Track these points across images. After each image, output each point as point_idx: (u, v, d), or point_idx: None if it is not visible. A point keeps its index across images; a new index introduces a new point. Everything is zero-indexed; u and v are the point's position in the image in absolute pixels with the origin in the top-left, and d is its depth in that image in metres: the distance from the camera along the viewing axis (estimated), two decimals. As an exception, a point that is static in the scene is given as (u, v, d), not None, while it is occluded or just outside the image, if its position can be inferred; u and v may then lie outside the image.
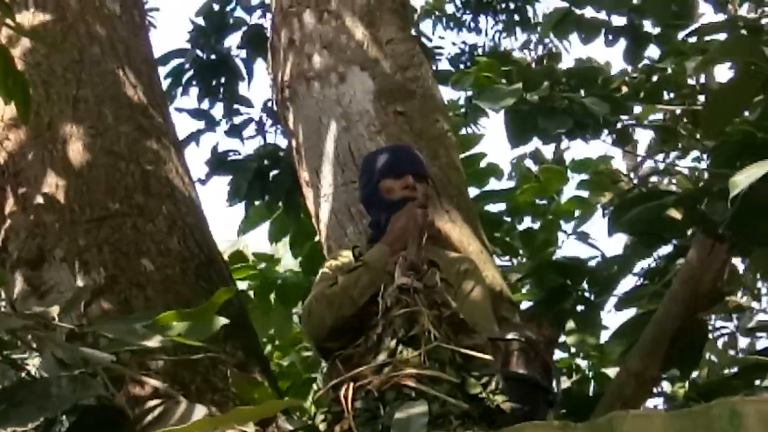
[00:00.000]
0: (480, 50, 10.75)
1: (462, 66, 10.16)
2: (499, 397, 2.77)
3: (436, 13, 11.01)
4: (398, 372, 2.67)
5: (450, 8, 11.29)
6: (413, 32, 5.64)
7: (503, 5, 11.01)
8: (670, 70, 6.14)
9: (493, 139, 32.75)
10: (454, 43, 10.57)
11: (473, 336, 2.91)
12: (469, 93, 6.58)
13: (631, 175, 7.81)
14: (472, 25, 11.30)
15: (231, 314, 1.98)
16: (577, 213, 6.80)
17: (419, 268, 3.01)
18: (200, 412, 2.00)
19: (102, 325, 1.73)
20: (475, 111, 7.16)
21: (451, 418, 2.62)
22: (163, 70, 6.29)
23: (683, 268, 3.63)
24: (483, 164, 6.35)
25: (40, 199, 3.58)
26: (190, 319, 1.71)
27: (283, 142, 6.64)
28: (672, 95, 6.67)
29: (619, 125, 6.36)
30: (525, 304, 5.61)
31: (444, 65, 10.22)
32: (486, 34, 11.35)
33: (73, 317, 3.08)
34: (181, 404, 2.00)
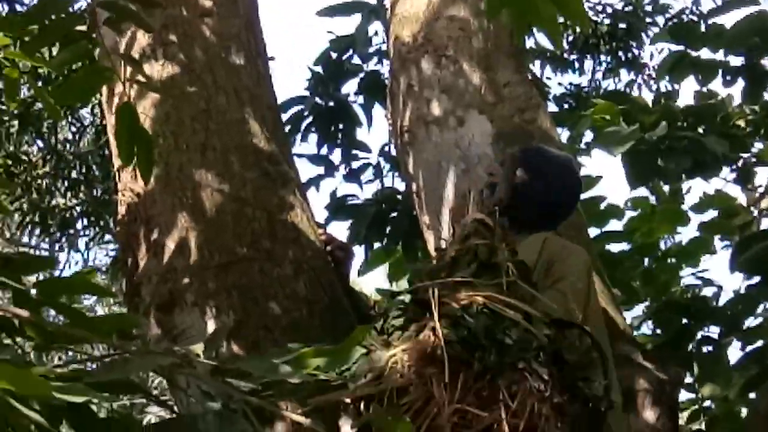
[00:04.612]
0: (585, 91, 10.68)
1: (566, 106, 10.12)
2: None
3: (547, 54, 10.98)
4: (478, 292, 2.64)
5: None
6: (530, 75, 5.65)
7: (609, 46, 10.96)
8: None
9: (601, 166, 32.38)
10: (560, 84, 10.48)
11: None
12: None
13: (752, 208, 7.65)
14: (577, 65, 11.27)
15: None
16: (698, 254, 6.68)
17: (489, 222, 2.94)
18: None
19: (243, 361, 1.80)
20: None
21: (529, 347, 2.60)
22: (283, 117, 6.42)
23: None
24: (603, 206, 6.30)
25: (170, 245, 3.70)
26: (328, 357, 1.77)
27: (400, 186, 6.71)
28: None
29: (739, 163, 6.26)
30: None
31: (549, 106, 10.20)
32: (591, 74, 11.32)
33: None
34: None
